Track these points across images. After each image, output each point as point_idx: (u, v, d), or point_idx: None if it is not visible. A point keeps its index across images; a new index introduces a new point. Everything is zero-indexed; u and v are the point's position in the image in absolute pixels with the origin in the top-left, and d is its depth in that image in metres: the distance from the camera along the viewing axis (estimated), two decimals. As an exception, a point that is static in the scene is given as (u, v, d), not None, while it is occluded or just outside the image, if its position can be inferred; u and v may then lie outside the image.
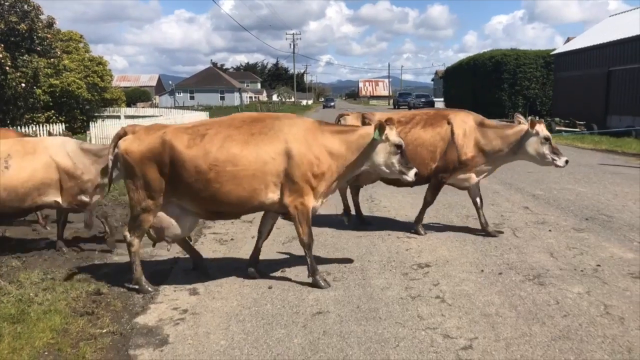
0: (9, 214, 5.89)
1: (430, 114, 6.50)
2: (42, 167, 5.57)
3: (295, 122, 4.73)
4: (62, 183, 5.65)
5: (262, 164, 4.47)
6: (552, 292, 4.45)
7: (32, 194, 5.55)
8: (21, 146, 5.65)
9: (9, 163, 5.46)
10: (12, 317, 4.02)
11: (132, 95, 54.54)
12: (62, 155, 5.67)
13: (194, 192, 4.51)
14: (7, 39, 15.30)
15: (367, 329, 3.85)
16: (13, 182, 5.44)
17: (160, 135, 4.52)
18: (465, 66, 41.49)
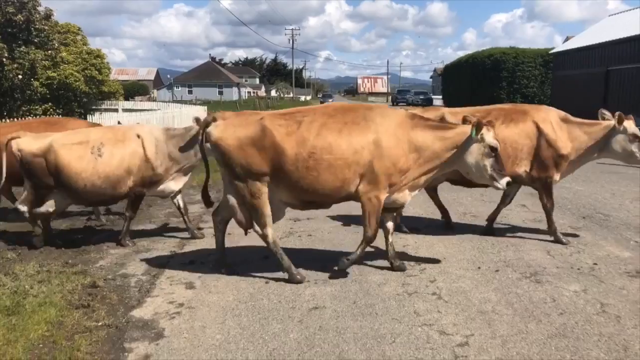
0: (104, 202, 6.09)
1: (507, 109, 6.00)
2: (130, 154, 5.69)
3: (387, 114, 4.67)
4: (139, 171, 5.72)
5: (353, 153, 4.44)
6: (548, 290, 4.45)
7: (123, 180, 5.67)
8: (112, 134, 5.81)
9: (101, 150, 5.60)
10: (7, 309, 4.00)
11: (130, 88, 54.33)
12: (150, 142, 5.75)
13: (292, 181, 4.48)
14: (4, 30, 15.22)
15: (363, 324, 3.84)
16: (106, 169, 5.57)
17: (259, 122, 4.50)
18: (464, 64, 41.45)
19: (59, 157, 5.52)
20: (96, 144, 5.63)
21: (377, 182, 4.50)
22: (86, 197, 5.76)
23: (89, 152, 5.59)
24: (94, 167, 5.56)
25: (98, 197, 5.76)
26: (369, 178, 4.50)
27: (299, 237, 6.20)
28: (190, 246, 5.86)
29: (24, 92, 16.95)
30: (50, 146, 5.55)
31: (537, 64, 34.52)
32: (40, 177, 5.59)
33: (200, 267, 5.13)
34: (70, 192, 5.64)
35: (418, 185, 4.79)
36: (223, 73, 79.24)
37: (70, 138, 5.73)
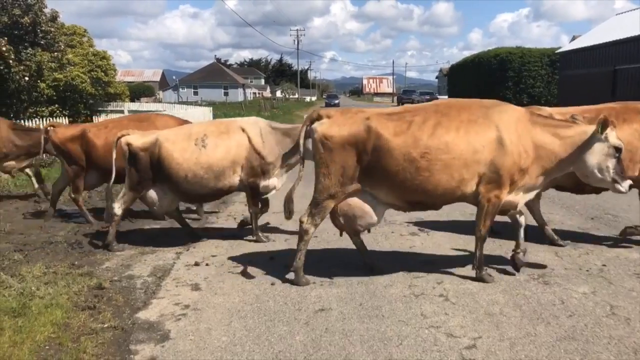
0: (208, 195, 5.95)
1: (618, 108, 5.63)
2: (235, 145, 5.69)
3: (505, 110, 4.49)
4: (248, 162, 5.72)
5: (473, 152, 4.28)
6: (557, 292, 4.40)
7: (226, 172, 5.68)
8: (215, 126, 5.87)
9: (205, 142, 5.62)
10: (13, 310, 4.00)
11: (136, 90, 54.55)
12: (254, 134, 5.76)
13: (398, 182, 4.36)
14: (11, 32, 15.31)
15: (369, 326, 3.82)
16: (210, 160, 5.59)
17: (365, 122, 4.41)
18: (470, 64, 41.35)
19: (163, 149, 5.60)
20: (200, 135, 5.67)
21: (499, 181, 4.34)
22: (189, 189, 5.72)
23: (193, 144, 5.63)
24: (197, 157, 5.58)
25: (201, 189, 5.71)
26: (489, 178, 4.33)
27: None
28: (195, 248, 5.86)
29: (30, 94, 17.05)
30: (156, 140, 5.65)
31: (544, 63, 34.38)
32: (143, 171, 5.68)
33: (206, 269, 5.12)
34: (172, 184, 5.67)
35: (534, 187, 4.59)
36: (228, 74, 79.40)
37: (175, 132, 5.83)
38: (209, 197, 6.06)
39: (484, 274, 4.66)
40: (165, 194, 5.83)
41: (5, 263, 5.19)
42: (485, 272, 4.66)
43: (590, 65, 27.25)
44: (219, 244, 5.97)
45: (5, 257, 5.37)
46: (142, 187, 5.78)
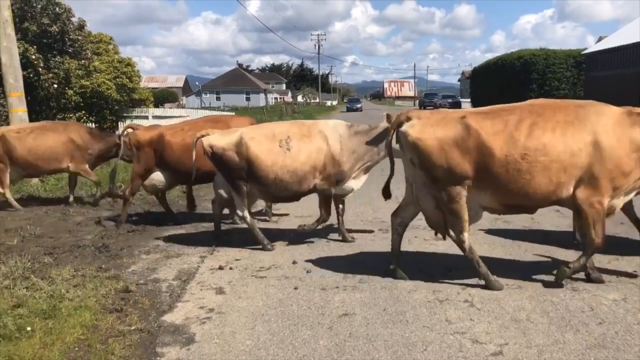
0: (287, 198, 5.98)
1: None
2: (315, 150, 5.68)
3: (602, 111, 4.32)
4: (325, 168, 5.72)
5: (570, 155, 4.16)
6: (586, 299, 4.31)
7: (308, 176, 5.69)
8: (297, 128, 5.82)
9: (289, 144, 5.62)
10: (44, 312, 4.10)
11: (160, 96, 55.42)
12: (334, 140, 5.74)
13: (500, 184, 4.25)
14: (40, 41, 15.73)
15: (394, 332, 3.80)
16: (294, 163, 5.59)
17: (461, 121, 4.30)
18: (493, 66, 40.88)
19: (250, 149, 5.60)
20: (283, 137, 5.66)
21: (598, 186, 4.18)
22: (272, 192, 5.77)
23: (278, 146, 5.63)
24: (283, 160, 5.59)
25: (283, 192, 5.76)
26: (588, 182, 4.19)
27: (327, 242, 6.18)
28: (219, 252, 5.91)
29: (59, 101, 17.48)
30: (241, 139, 5.65)
31: (569, 65, 33.78)
32: (235, 170, 5.71)
33: (230, 273, 5.16)
34: (259, 185, 5.72)
35: (635, 188, 4.44)
36: (250, 79, 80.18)
37: (258, 132, 5.83)
38: (289, 199, 6.03)
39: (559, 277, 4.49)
40: (251, 194, 5.88)
41: (36, 266, 5.32)
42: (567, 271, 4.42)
43: (617, 67, 26.67)
44: (242, 248, 6.02)
45: (36, 260, 5.50)
46: (242, 183, 5.74)
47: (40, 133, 8.33)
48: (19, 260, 5.33)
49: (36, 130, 8.40)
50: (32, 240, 6.45)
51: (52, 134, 8.35)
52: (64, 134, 8.37)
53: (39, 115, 16.01)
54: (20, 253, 5.65)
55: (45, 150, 8.23)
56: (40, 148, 8.22)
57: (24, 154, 8.17)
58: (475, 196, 4.41)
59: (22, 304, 4.27)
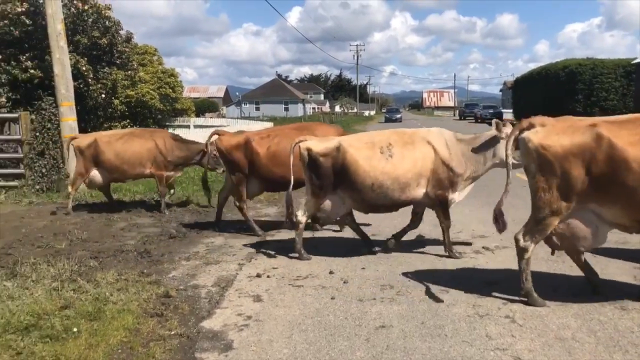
0: (388, 207, 5.86)
1: None
2: (421, 157, 5.61)
3: None
4: (435, 174, 5.63)
5: None
6: (635, 318, 4.11)
7: (411, 184, 5.62)
8: (398, 136, 5.78)
9: (391, 151, 5.60)
10: (89, 314, 4.24)
11: (201, 105, 56.78)
12: (441, 145, 5.68)
13: (634, 199, 3.93)
14: (90, 53, 16.43)
15: (432, 346, 3.73)
16: (397, 170, 5.55)
17: (592, 129, 4.07)
18: (537, 76, 39.86)
19: (348, 155, 5.57)
20: (384, 144, 5.62)
21: None
22: (372, 199, 5.67)
23: (378, 152, 5.58)
24: (384, 167, 5.53)
25: (383, 200, 5.65)
26: None
27: (364, 253, 6.14)
28: (257, 259, 5.97)
29: (106, 110, 18.17)
30: (339, 146, 5.65)
31: (618, 75, 32.54)
32: (325, 176, 5.69)
33: (267, 281, 5.20)
34: (356, 192, 5.65)
35: None
36: (289, 90, 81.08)
37: (357, 139, 5.86)
38: (387, 208, 5.91)
39: None
40: (342, 203, 5.83)
41: (82, 269, 5.51)
42: None
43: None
44: (280, 256, 6.06)
45: (82, 263, 5.70)
46: (325, 193, 5.75)
47: (128, 139, 8.76)
48: (67, 263, 5.56)
49: (125, 136, 8.85)
50: (79, 244, 6.70)
51: (138, 140, 8.74)
52: (150, 140, 8.72)
53: (87, 124, 16.70)
54: (68, 256, 5.88)
55: (130, 155, 8.62)
56: (127, 153, 8.62)
57: (111, 157, 8.60)
58: (598, 211, 4.14)
59: (69, 305, 4.43)
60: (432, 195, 5.66)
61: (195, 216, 8.42)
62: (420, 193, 5.67)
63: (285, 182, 6.51)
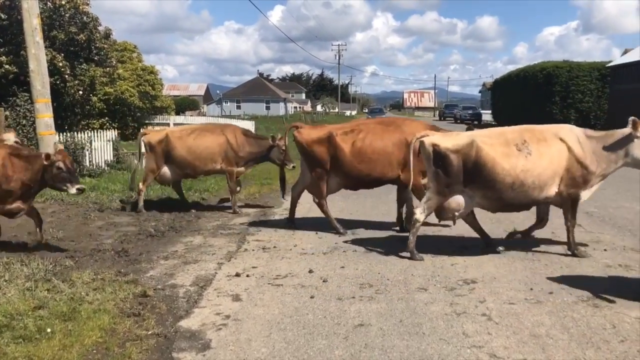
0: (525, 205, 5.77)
1: None
2: (557, 154, 5.49)
3: None
4: (569, 172, 5.51)
5: None
6: (607, 315, 4.21)
7: (548, 182, 5.50)
8: (530, 133, 5.64)
9: (529, 149, 5.46)
10: (63, 314, 4.17)
11: (181, 103, 56.18)
12: (574, 142, 5.55)
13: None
14: (67, 49, 16.10)
15: (410, 344, 3.76)
16: (537, 168, 5.42)
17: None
18: (515, 78, 40.48)
19: (483, 152, 5.44)
20: (519, 141, 5.48)
21: None
22: (508, 199, 5.54)
23: (515, 150, 5.45)
24: (524, 165, 5.40)
25: (522, 199, 5.57)
26: None
27: (344, 251, 6.17)
28: (237, 259, 5.94)
29: (83, 107, 17.83)
30: (472, 142, 5.51)
31: (593, 77, 33.24)
32: (454, 174, 5.54)
33: (247, 280, 5.18)
34: (492, 191, 5.54)
35: None
36: (270, 88, 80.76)
37: (489, 135, 5.69)
38: (520, 207, 5.84)
39: None
40: (471, 201, 5.70)
41: (57, 269, 5.41)
42: None
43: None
44: (259, 256, 6.04)
45: (58, 263, 5.60)
46: (451, 191, 5.60)
47: (199, 134, 8.62)
48: (41, 263, 5.44)
49: (196, 131, 8.71)
50: (54, 243, 6.57)
51: (210, 135, 8.60)
52: (221, 135, 8.59)
53: (64, 121, 16.37)
54: (42, 256, 5.76)
55: (202, 151, 8.50)
56: (199, 148, 8.49)
57: (183, 153, 8.47)
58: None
59: (43, 305, 4.35)
60: (565, 193, 5.57)
61: (174, 215, 8.33)
62: (553, 191, 5.59)
63: (370, 180, 6.47)
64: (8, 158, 5.74)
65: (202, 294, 4.82)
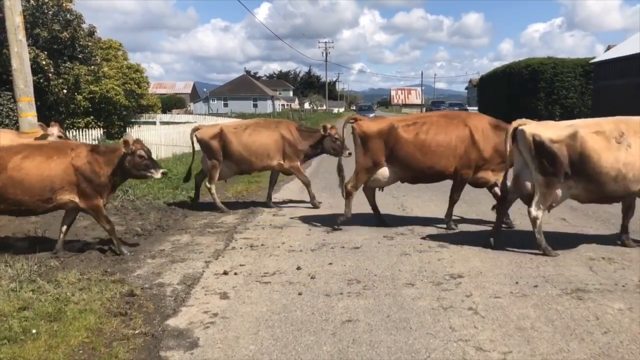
0: (618, 198, 5.75)
1: None
2: None
3: None
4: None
5: None
6: (591, 308, 4.28)
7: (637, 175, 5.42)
8: (626, 124, 5.55)
9: (628, 141, 5.39)
10: (49, 315, 4.13)
11: (168, 102, 55.78)
12: None
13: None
14: (50, 47, 15.90)
15: (397, 338, 3.79)
16: (637, 162, 5.38)
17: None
18: (501, 74, 40.79)
19: (588, 145, 5.37)
20: (616, 134, 5.41)
21: None
22: (609, 191, 5.51)
23: (615, 142, 5.38)
24: (625, 158, 5.35)
25: (622, 192, 5.53)
26: None
27: (332, 248, 6.18)
28: (224, 257, 5.93)
29: (68, 106, 17.64)
30: (575, 133, 5.44)
31: (577, 74, 33.63)
32: (559, 165, 5.45)
33: (234, 278, 5.17)
34: (593, 183, 5.47)
35: None
36: (258, 86, 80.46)
37: (585, 125, 5.59)
38: (615, 200, 5.79)
39: None
40: (568, 192, 5.64)
41: (43, 269, 5.35)
42: None
43: (625, 76, 26.55)
44: (247, 253, 6.03)
45: (43, 263, 5.54)
46: (558, 182, 5.52)
47: (255, 129, 8.49)
48: (26, 263, 5.38)
49: (251, 127, 8.57)
50: (40, 244, 6.50)
51: (265, 131, 8.48)
52: (276, 131, 8.48)
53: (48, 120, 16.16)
54: (27, 256, 5.69)
55: (259, 147, 8.38)
56: (255, 144, 8.37)
57: (239, 149, 8.34)
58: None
59: (27, 306, 4.30)
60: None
61: (160, 214, 8.28)
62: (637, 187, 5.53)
63: (431, 173, 6.48)
64: (91, 155, 5.89)
65: (189, 292, 4.80)
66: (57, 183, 5.67)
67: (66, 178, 5.70)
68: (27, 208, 5.77)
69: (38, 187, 5.62)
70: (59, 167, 5.69)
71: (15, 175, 5.55)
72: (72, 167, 5.72)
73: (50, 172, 5.66)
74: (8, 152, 5.70)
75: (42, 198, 5.68)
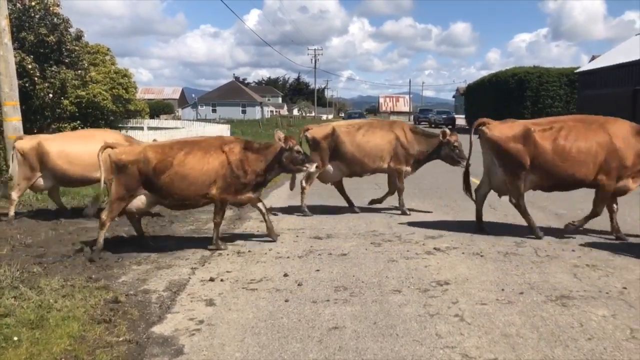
0: None
1: None
2: None
3: None
4: None
5: None
6: (575, 314, 4.32)
7: None
8: None
9: None
10: (31, 322, 4.06)
11: (156, 107, 55.47)
12: None
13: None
14: (37, 51, 15.76)
15: (383, 345, 3.78)
16: None
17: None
18: (487, 83, 41.28)
19: None
20: None
21: None
22: None
23: None
24: None
25: None
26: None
27: (319, 255, 6.17)
28: (211, 263, 5.89)
29: (54, 111, 17.46)
30: None
31: (562, 83, 34.17)
32: None
33: (221, 285, 5.14)
34: None
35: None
36: (246, 92, 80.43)
37: None
38: None
39: None
40: None
41: (25, 275, 5.27)
42: None
43: (610, 85, 27.00)
44: (234, 260, 6.00)
45: (25, 269, 5.45)
46: None
47: (368, 129, 8.21)
48: (8, 270, 5.28)
49: (364, 127, 8.27)
50: (22, 250, 6.41)
51: (379, 132, 8.21)
52: (390, 131, 8.22)
53: (33, 124, 16.00)
54: (9, 262, 5.60)
55: (372, 148, 8.12)
56: (368, 144, 8.11)
57: (352, 149, 8.08)
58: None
59: (9, 313, 4.23)
60: None
61: (146, 220, 8.20)
62: None
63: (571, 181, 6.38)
64: (244, 152, 6.14)
65: (175, 299, 4.76)
66: (213, 177, 6.01)
67: (221, 172, 6.06)
68: (190, 202, 6.22)
69: (200, 181, 6.02)
70: (216, 161, 6.06)
71: (181, 171, 5.89)
72: (227, 162, 6.05)
73: (208, 167, 6.03)
74: (172, 149, 5.97)
75: (202, 192, 6.10)
